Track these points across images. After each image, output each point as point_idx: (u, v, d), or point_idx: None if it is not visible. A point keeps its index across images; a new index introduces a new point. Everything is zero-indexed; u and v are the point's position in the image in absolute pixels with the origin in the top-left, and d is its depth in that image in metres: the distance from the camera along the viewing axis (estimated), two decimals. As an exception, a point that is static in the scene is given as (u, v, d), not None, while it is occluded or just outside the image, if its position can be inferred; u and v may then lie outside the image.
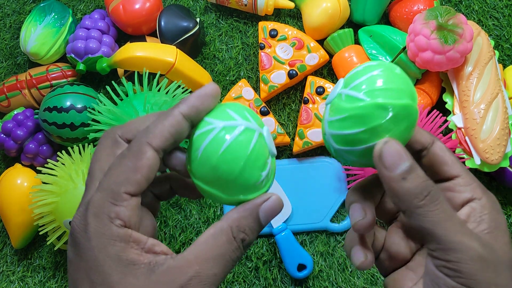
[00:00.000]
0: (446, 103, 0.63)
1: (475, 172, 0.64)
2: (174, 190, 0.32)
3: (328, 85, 0.66)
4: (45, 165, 0.60)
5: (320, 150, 0.68)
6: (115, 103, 0.67)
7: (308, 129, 0.65)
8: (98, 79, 0.72)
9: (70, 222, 0.26)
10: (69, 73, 0.69)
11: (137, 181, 0.25)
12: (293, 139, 0.69)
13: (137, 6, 0.67)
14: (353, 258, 0.29)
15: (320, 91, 0.65)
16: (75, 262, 0.25)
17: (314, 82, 0.66)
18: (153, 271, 0.24)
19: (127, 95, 0.66)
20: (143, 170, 0.25)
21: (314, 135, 0.65)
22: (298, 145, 0.65)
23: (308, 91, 0.66)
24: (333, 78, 0.70)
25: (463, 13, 0.69)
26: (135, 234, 0.25)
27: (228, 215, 0.26)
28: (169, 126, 0.26)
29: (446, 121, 0.62)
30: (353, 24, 0.70)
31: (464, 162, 0.60)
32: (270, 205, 0.26)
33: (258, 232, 0.27)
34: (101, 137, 0.28)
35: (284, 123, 0.69)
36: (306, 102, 0.65)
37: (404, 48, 0.63)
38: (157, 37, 0.68)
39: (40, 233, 0.59)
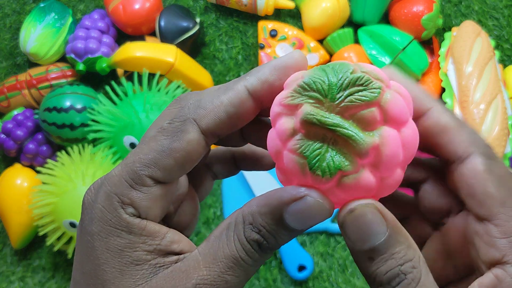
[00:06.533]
0: (446, 103, 0.63)
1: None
2: (239, 164, 0.26)
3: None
4: (45, 165, 0.60)
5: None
6: (115, 103, 0.67)
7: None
8: (98, 79, 0.72)
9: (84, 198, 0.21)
10: (69, 73, 0.69)
11: (167, 167, 0.19)
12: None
13: (137, 6, 0.67)
14: None
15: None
16: (77, 241, 0.21)
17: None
18: (155, 273, 0.19)
19: (126, 95, 0.66)
20: (178, 155, 0.19)
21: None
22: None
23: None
24: (333, 78, 0.70)
25: (463, 13, 0.69)
26: (152, 226, 0.20)
27: (247, 204, 0.20)
28: (227, 103, 0.19)
29: (446, 121, 0.62)
30: (353, 24, 0.70)
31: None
32: (302, 209, 0.19)
33: (282, 237, 0.19)
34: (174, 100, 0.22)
35: (284, 123, 0.69)
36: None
37: (404, 48, 0.63)
38: (157, 37, 0.68)
39: (40, 233, 0.59)
